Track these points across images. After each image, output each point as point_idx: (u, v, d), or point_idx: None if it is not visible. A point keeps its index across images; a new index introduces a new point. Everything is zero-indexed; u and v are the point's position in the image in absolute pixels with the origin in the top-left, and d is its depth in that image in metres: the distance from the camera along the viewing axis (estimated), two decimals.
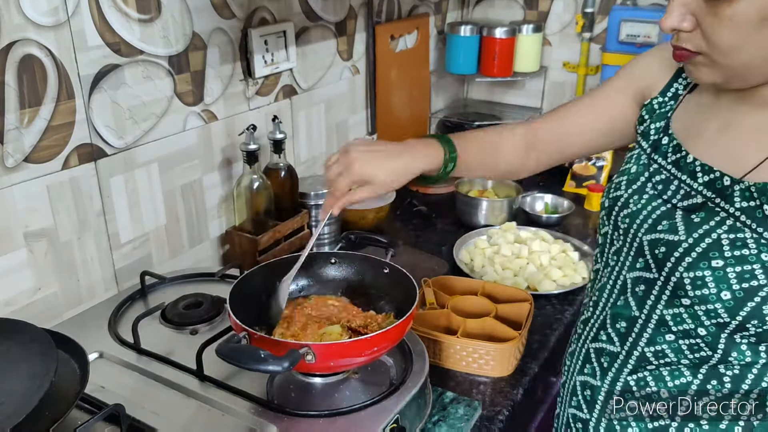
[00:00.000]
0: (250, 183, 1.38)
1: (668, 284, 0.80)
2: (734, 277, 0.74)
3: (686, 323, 0.79)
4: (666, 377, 0.84)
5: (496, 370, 1.14)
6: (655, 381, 0.85)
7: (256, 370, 0.80)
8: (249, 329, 0.87)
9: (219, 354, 0.81)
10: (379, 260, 1.07)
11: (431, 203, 1.88)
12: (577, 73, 2.19)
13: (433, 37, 2.15)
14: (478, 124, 2.19)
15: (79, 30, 1.08)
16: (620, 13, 1.97)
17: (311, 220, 1.54)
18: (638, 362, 0.86)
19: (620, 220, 0.88)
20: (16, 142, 1.03)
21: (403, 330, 0.92)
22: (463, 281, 1.34)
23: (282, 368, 0.79)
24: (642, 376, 0.86)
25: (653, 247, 0.82)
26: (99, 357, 1.02)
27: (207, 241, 1.43)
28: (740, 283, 0.74)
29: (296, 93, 1.60)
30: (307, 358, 0.83)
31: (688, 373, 0.82)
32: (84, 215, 1.15)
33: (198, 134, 1.35)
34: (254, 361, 0.79)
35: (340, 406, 0.91)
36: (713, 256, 0.75)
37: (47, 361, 0.79)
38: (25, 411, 0.72)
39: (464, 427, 1.00)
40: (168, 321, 1.11)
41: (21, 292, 1.08)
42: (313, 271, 1.09)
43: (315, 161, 1.71)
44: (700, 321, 0.78)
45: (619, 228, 0.88)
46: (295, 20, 1.53)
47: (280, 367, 0.79)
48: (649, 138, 0.90)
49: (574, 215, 1.77)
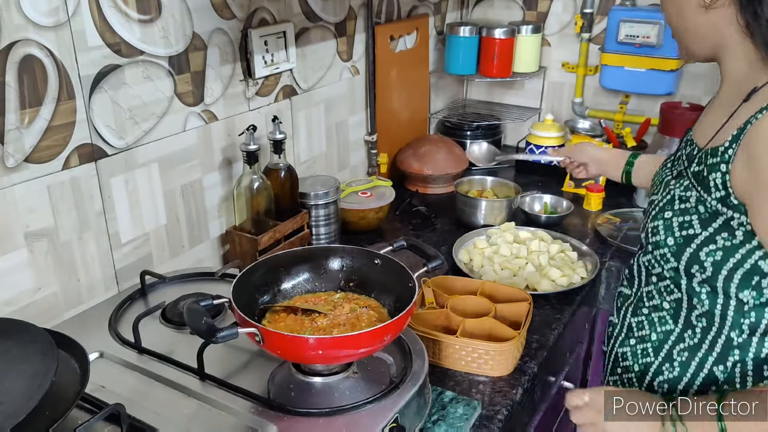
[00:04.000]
0: (250, 183, 1.38)
1: (644, 234, 1.00)
2: (677, 226, 0.91)
3: (656, 268, 0.98)
4: (656, 323, 1.00)
5: (495, 370, 1.14)
6: (649, 326, 1.02)
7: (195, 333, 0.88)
8: (255, 324, 0.88)
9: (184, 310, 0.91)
10: (372, 252, 1.08)
11: (431, 203, 1.88)
12: (576, 73, 2.19)
13: (432, 37, 2.15)
14: (477, 125, 2.19)
15: (80, 30, 1.08)
16: (619, 13, 1.97)
17: (311, 220, 1.54)
18: (637, 304, 1.04)
19: (649, 189, 1.08)
20: (16, 142, 1.03)
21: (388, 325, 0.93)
22: (463, 281, 1.34)
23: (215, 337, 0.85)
24: (640, 320, 1.03)
25: (648, 207, 1.01)
26: (99, 356, 1.02)
27: (207, 241, 1.44)
28: (680, 231, 0.91)
29: (296, 93, 1.60)
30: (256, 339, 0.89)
31: (671, 321, 0.98)
32: (84, 215, 1.15)
33: (198, 134, 1.35)
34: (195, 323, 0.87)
35: (340, 405, 0.91)
36: (666, 209, 0.93)
37: (47, 361, 0.79)
38: (25, 411, 0.72)
39: (463, 426, 1.01)
40: (168, 320, 1.12)
41: (21, 291, 1.08)
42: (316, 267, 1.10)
43: (315, 161, 1.72)
44: (660, 265, 0.96)
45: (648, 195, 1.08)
46: (295, 21, 1.53)
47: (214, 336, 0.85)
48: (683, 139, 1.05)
49: (573, 215, 1.77)
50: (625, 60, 2.00)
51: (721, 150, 0.85)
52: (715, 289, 0.90)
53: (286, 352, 0.92)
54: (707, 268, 0.89)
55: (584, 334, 1.62)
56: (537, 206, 1.82)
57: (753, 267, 0.86)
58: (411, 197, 1.89)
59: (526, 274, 1.45)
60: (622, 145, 1.98)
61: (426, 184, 1.96)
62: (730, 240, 0.86)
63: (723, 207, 0.85)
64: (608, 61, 2.03)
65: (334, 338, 0.90)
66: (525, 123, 2.30)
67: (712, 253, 0.88)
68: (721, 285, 0.89)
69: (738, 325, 0.90)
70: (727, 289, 0.89)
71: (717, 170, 0.85)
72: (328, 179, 1.59)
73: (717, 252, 0.87)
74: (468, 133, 2.19)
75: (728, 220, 0.85)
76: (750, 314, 0.89)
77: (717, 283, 0.89)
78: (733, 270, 0.87)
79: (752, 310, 0.89)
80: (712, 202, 0.86)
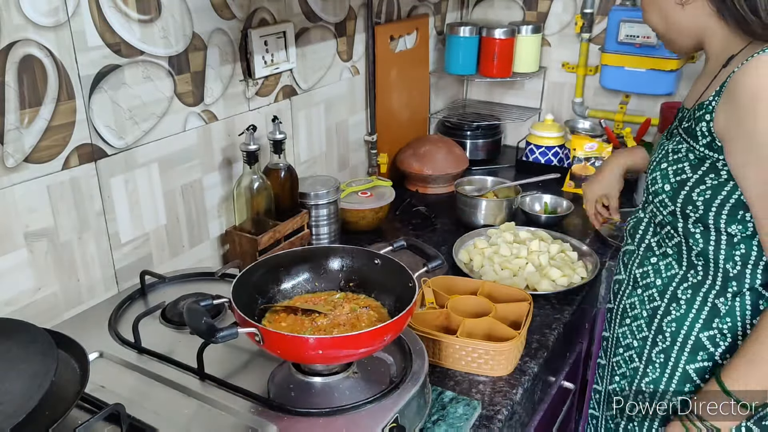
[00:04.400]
0: (250, 183, 1.38)
1: (645, 188, 1.12)
2: (672, 173, 1.04)
3: (657, 216, 1.10)
4: (661, 269, 1.12)
5: (496, 370, 1.14)
6: (654, 273, 1.13)
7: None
8: (255, 324, 0.88)
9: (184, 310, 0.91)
10: (372, 252, 1.08)
11: (431, 203, 1.88)
12: (576, 73, 2.19)
13: (432, 37, 2.15)
14: (477, 125, 2.19)
15: (80, 30, 1.08)
16: (619, 13, 1.97)
17: (311, 220, 1.54)
18: (644, 254, 1.15)
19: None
20: (16, 143, 1.03)
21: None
22: (463, 281, 1.34)
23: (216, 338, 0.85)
24: (646, 269, 1.15)
25: (648, 167, 1.13)
26: (99, 356, 1.02)
27: (207, 241, 1.44)
28: (675, 177, 1.04)
29: (296, 93, 1.60)
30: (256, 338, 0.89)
31: (676, 265, 1.10)
32: (84, 215, 1.15)
33: (198, 134, 1.35)
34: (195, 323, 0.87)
35: (340, 405, 0.91)
36: (662, 161, 1.07)
37: (47, 361, 0.79)
38: (25, 411, 0.72)
39: (463, 426, 1.01)
40: (168, 320, 1.12)
41: (21, 291, 1.08)
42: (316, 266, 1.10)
43: (315, 161, 1.72)
44: (660, 211, 1.08)
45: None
46: (295, 21, 1.53)
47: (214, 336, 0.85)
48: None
49: (573, 215, 1.77)
50: (626, 60, 2.00)
51: (706, 103, 0.99)
52: (708, 226, 1.02)
53: (286, 352, 0.92)
54: (699, 207, 1.01)
55: (584, 334, 1.62)
56: (537, 206, 1.82)
57: (737, 201, 0.98)
58: (411, 197, 1.89)
59: (526, 274, 1.45)
60: (623, 145, 1.98)
61: (426, 184, 1.96)
62: (717, 179, 0.99)
63: (709, 151, 0.99)
64: (608, 61, 2.03)
65: (334, 338, 0.90)
66: (525, 123, 2.30)
67: (703, 193, 1.00)
68: (712, 222, 1.01)
69: (731, 257, 1.02)
70: (717, 225, 1.01)
71: (702, 120, 0.99)
72: (328, 179, 1.59)
73: (707, 191, 1.00)
74: (468, 133, 2.19)
75: (714, 162, 0.99)
76: (740, 246, 1.01)
77: (708, 221, 1.01)
78: (720, 206, 0.99)
79: (741, 242, 1.01)
80: (699, 148, 1.00)
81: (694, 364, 1.08)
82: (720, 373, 1.00)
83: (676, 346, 1.10)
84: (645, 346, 1.15)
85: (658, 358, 1.13)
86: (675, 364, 1.10)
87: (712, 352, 1.07)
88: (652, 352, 1.14)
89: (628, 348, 1.19)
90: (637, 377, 1.16)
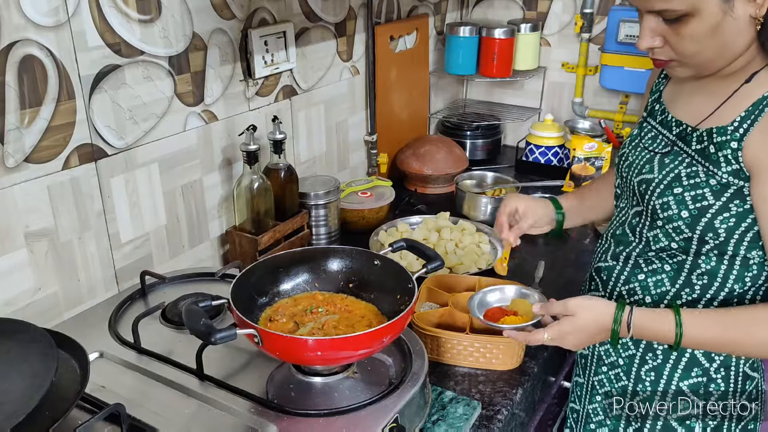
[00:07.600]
0: (250, 183, 1.38)
1: (647, 211, 1.03)
2: (690, 199, 0.96)
3: (662, 242, 1.03)
4: (650, 287, 1.06)
5: (504, 364, 1.16)
6: (642, 290, 1.07)
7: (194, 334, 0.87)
8: (255, 325, 0.88)
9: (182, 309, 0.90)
10: (372, 253, 1.08)
11: (430, 203, 1.88)
12: (576, 73, 2.19)
13: (432, 37, 2.15)
14: (477, 125, 2.19)
15: (80, 30, 1.08)
16: (619, 13, 1.97)
17: (311, 220, 1.54)
18: (631, 272, 1.08)
19: (623, 170, 1.11)
20: (16, 143, 1.03)
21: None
22: (460, 278, 1.36)
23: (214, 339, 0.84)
24: (632, 286, 1.08)
25: (639, 186, 1.05)
26: (99, 357, 1.02)
27: (207, 241, 1.44)
28: (694, 204, 0.96)
29: (296, 93, 1.60)
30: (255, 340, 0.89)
31: (668, 282, 1.04)
32: (84, 215, 1.15)
33: (198, 134, 1.35)
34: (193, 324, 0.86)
35: (340, 405, 0.91)
36: (675, 186, 0.98)
37: (47, 361, 0.80)
38: (25, 411, 0.72)
39: (463, 426, 1.01)
40: (168, 321, 1.12)
41: (21, 292, 1.08)
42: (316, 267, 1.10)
43: (315, 161, 1.72)
44: (672, 238, 1.01)
45: (622, 176, 1.11)
46: (295, 21, 1.53)
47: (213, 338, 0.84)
48: (647, 108, 1.12)
49: None
50: (625, 60, 2.00)
51: (731, 129, 0.93)
52: (724, 252, 0.98)
53: (284, 353, 0.92)
54: (720, 234, 0.96)
55: None
56: None
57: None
58: (411, 197, 1.89)
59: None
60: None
61: (426, 184, 1.96)
62: (742, 206, 0.94)
63: (734, 179, 0.93)
64: (608, 61, 2.03)
65: (333, 340, 0.90)
66: (525, 123, 2.30)
67: (726, 221, 0.95)
68: (731, 248, 0.97)
69: (741, 279, 0.99)
70: (737, 251, 0.97)
71: (726, 147, 0.93)
72: (328, 179, 1.59)
73: (730, 219, 0.95)
74: (468, 133, 2.19)
75: (740, 189, 0.93)
76: (752, 268, 0.99)
77: (728, 247, 0.97)
78: (744, 233, 0.96)
79: (755, 266, 0.98)
80: (723, 175, 0.94)
81: (688, 380, 1.05)
82: (680, 307, 0.97)
83: (668, 364, 1.06)
84: (633, 364, 1.10)
85: (648, 376, 1.08)
86: (668, 381, 1.06)
87: (707, 367, 1.04)
88: (641, 370, 1.09)
89: (612, 366, 1.14)
90: (627, 394, 1.12)
